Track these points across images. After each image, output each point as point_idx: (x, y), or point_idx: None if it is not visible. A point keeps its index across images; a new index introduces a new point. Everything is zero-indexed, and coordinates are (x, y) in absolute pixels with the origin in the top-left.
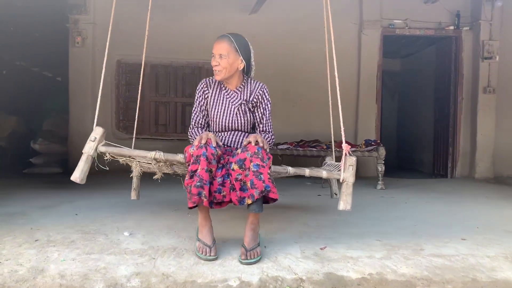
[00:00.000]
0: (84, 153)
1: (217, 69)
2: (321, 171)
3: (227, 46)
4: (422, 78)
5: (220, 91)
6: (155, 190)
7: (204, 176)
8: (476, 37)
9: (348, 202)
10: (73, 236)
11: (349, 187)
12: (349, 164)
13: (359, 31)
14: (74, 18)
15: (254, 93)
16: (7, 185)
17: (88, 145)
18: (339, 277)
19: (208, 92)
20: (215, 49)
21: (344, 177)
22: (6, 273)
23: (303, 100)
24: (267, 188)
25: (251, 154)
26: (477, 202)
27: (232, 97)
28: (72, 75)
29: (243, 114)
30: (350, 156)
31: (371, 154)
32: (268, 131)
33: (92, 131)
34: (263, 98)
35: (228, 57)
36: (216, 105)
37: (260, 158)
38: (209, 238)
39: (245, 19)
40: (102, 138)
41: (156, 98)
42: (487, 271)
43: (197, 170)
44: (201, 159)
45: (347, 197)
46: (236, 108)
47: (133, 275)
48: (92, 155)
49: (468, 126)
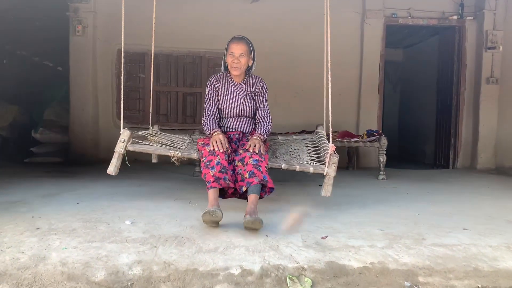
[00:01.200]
0: (116, 151)
1: (238, 66)
2: (309, 167)
3: (246, 47)
4: (424, 68)
5: (228, 84)
6: (157, 180)
7: (225, 164)
8: (479, 27)
9: (328, 190)
10: (74, 224)
11: (330, 179)
12: (332, 162)
13: (362, 20)
14: (75, 7)
15: (256, 85)
16: (9, 174)
17: (119, 145)
18: (340, 266)
19: (218, 85)
20: (236, 49)
21: (327, 172)
22: (7, 260)
23: (304, 90)
24: (265, 178)
25: (251, 153)
26: (479, 192)
27: (239, 89)
28: (73, 64)
29: (248, 102)
30: (334, 155)
31: (373, 145)
32: (265, 116)
33: (121, 133)
34: (263, 89)
35: (246, 56)
36: (226, 96)
37: (258, 155)
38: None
39: (246, 8)
40: (130, 139)
41: (157, 87)
42: (489, 260)
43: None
44: (218, 152)
45: (328, 186)
46: (242, 97)
47: (134, 263)
48: (122, 153)
49: (470, 116)
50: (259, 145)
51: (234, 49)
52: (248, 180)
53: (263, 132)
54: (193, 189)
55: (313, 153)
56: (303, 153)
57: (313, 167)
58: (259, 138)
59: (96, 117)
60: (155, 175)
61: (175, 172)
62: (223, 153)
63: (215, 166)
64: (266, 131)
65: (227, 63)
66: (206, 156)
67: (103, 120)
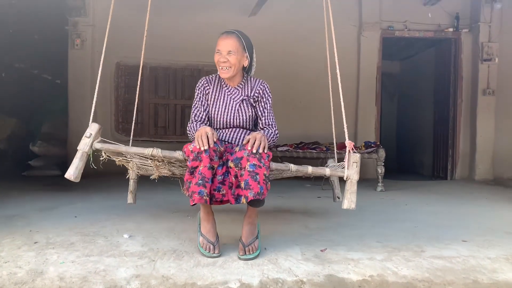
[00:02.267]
0: (79, 149)
1: (225, 65)
2: (324, 169)
3: (236, 43)
4: (421, 80)
5: (221, 88)
6: (154, 193)
7: (206, 174)
8: (475, 39)
9: (352, 201)
10: (72, 238)
11: (353, 185)
12: (353, 161)
13: (359, 33)
14: (74, 21)
15: (255, 89)
16: (6, 187)
17: (83, 141)
18: (340, 279)
19: (209, 88)
20: (222, 45)
21: (348, 175)
22: (5, 275)
23: (302, 102)
24: (261, 190)
25: (248, 153)
26: (477, 204)
27: (234, 94)
28: (72, 77)
29: (245, 110)
30: (353, 153)
31: (371, 156)
32: (270, 125)
33: (88, 127)
34: (264, 93)
35: (236, 53)
36: (217, 102)
37: (257, 158)
38: (213, 234)
39: (244, 21)
40: (98, 134)
41: (156, 100)
42: (488, 272)
43: (197, 167)
44: (203, 156)
45: (352, 195)
46: (237, 104)
47: (132, 278)
48: (87, 151)
49: (467, 128)
50: (260, 142)
51: (221, 45)
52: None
53: (268, 135)
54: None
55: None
56: None
57: (330, 169)
58: (262, 134)
59: None
60: (153, 188)
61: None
62: (208, 158)
63: (197, 175)
64: (271, 137)
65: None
66: (191, 160)
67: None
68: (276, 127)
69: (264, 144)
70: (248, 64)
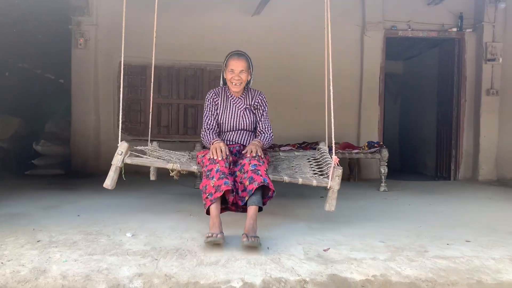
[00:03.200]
0: (113, 164)
1: (238, 82)
2: (312, 180)
3: (246, 64)
4: (424, 80)
5: (227, 98)
6: (158, 192)
7: (225, 170)
8: (479, 39)
9: (332, 205)
10: (75, 237)
11: (334, 193)
12: (336, 175)
13: (362, 33)
14: (77, 20)
15: (255, 99)
16: (10, 186)
17: (116, 158)
18: (342, 279)
19: (218, 100)
20: (236, 65)
21: (331, 185)
22: (8, 273)
23: (305, 102)
24: (265, 180)
25: (250, 158)
26: (480, 204)
27: (238, 103)
28: (75, 77)
29: (248, 116)
30: (337, 168)
31: (374, 156)
32: (266, 129)
33: (119, 146)
34: (262, 103)
35: (246, 72)
36: (225, 110)
37: (256, 159)
38: (218, 229)
39: (247, 21)
40: (128, 151)
41: (159, 99)
42: (492, 273)
43: (213, 170)
44: (218, 160)
45: (332, 200)
46: (241, 111)
47: (135, 276)
48: (120, 166)
49: (471, 128)
50: (256, 149)
51: (235, 66)
52: (249, 188)
53: (263, 140)
54: (194, 201)
55: (316, 168)
56: (306, 167)
57: (316, 180)
58: (257, 143)
59: (98, 130)
60: (156, 187)
61: (176, 184)
62: (222, 160)
63: (215, 175)
64: (267, 141)
65: (226, 78)
66: (207, 165)
67: (105, 133)
68: (271, 130)
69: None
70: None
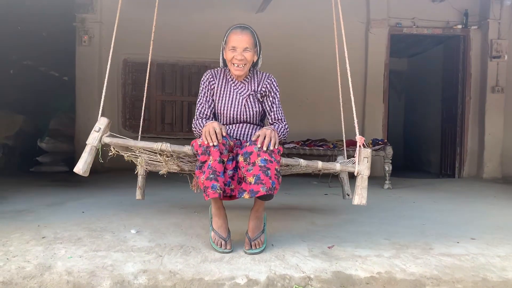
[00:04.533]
0: (88, 144)
1: (242, 63)
2: (335, 164)
3: (251, 39)
4: (429, 77)
5: (227, 83)
6: (162, 188)
7: (217, 168)
8: (484, 36)
9: (363, 196)
10: (80, 233)
11: (364, 181)
12: (364, 156)
13: (366, 30)
14: (81, 17)
15: (262, 83)
16: (15, 183)
17: (92, 135)
18: (347, 276)
19: (214, 82)
20: (238, 41)
21: (359, 170)
22: (13, 269)
23: (310, 100)
24: (273, 185)
25: (259, 148)
26: (485, 202)
27: (240, 88)
28: (79, 74)
29: (252, 105)
30: (364, 148)
31: (378, 154)
32: (280, 119)
33: (97, 122)
34: (272, 87)
35: (251, 50)
36: (223, 97)
37: (268, 153)
38: (224, 229)
39: (251, 17)
40: (107, 129)
41: (163, 97)
42: (497, 270)
43: (206, 162)
44: (212, 150)
45: (362, 191)
46: (244, 99)
47: (140, 272)
48: (96, 146)
49: (476, 125)
50: (270, 138)
51: (237, 42)
52: (253, 188)
53: (278, 130)
54: (198, 197)
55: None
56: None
57: (340, 163)
58: (272, 129)
59: None
60: (160, 183)
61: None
62: (217, 151)
63: (206, 170)
64: (282, 132)
65: (226, 59)
66: (200, 155)
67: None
68: (286, 121)
69: (275, 141)
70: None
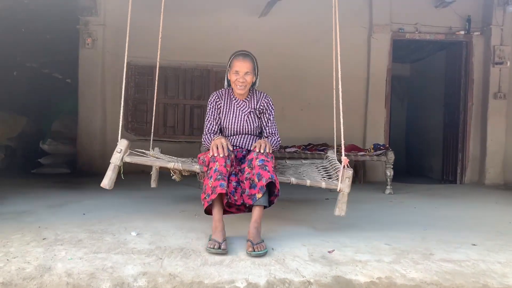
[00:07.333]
0: (112, 163)
1: (244, 84)
2: (321, 182)
3: (251, 65)
4: (431, 83)
5: (231, 101)
6: (162, 191)
7: (223, 171)
8: (487, 42)
9: (342, 209)
10: (80, 235)
11: (344, 196)
12: (346, 176)
13: (369, 35)
14: (85, 20)
15: (260, 102)
16: (16, 184)
17: (115, 156)
18: (347, 281)
19: (220, 103)
20: (241, 67)
21: (340, 188)
22: (13, 270)
23: (311, 104)
24: (272, 177)
25: (257, 153)
26: (487, 208)
27: (242, 106)
28: (82, 76)
29: (252, 120)
30: (347, 169)
31: (380, 159)
32: (273, 133)
33: (118, 143)
34: (268, 106)
35: (251, 74)
36: (228, 114)
37: (264, 155)
38: (221, 236)
39: (254, 22)
40: (127, 149)
41: (165, 100)
42: (498, 277)
43: (212, 168)
44: (217, 158)
45: (342, 204)
46: (245, 115)
47: (140, 275)
48: (118, 164)
49: (478, 131)
50: (265, 145)
51: (239, 67)
52: (258, 184)
53: (272, 142)
54: (199, 201)
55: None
56: (314, 172)
57: (325, 182)
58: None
59: (104, 129)
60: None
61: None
62: (222, 158)
63: (213, 174)
64: (274, 143)
65: (230, 80)
66: (208, 164)
67: (111, 132)
68: (278, 134)
69: (269, 147)
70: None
